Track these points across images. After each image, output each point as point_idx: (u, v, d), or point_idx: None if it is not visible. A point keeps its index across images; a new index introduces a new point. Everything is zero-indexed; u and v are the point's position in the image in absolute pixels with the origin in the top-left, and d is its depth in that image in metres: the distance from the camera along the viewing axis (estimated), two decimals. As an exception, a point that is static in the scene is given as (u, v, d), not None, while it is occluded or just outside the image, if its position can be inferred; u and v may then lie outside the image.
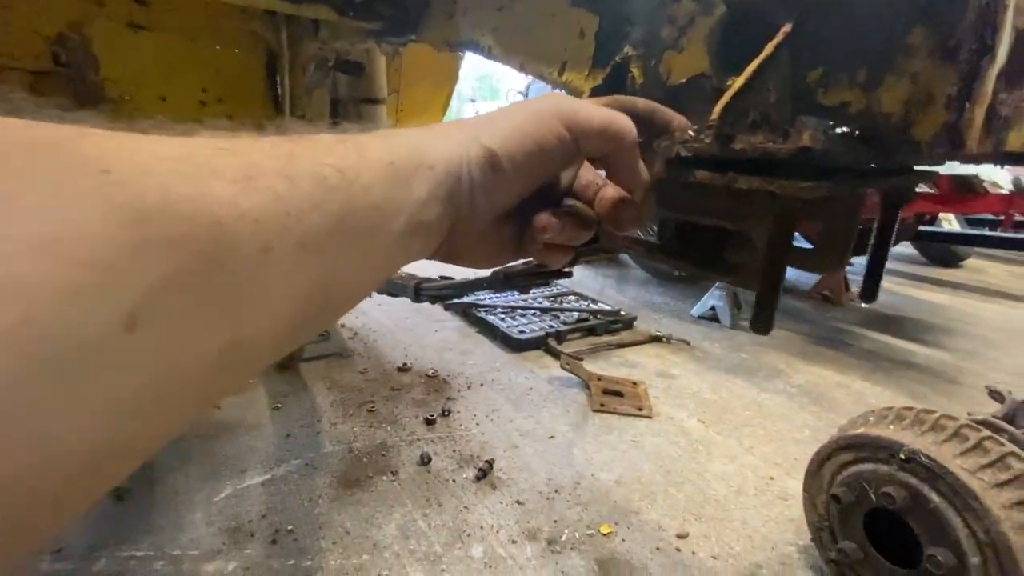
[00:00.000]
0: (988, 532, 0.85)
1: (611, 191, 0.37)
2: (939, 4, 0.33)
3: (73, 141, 0.18)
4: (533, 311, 2.56)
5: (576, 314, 2.50)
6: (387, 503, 1.28)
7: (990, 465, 0.88)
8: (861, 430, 1.06)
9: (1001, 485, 0.86)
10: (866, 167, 0.43)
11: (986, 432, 0.92)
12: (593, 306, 2.67)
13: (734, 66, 0.51)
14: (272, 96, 1.55)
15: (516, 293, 2.80)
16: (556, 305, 2.65)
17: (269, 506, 1.25)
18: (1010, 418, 1.51)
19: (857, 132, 0.41)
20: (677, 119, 0.39)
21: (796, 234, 0.73)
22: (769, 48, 0.42)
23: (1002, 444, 0.90)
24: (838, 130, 0.42)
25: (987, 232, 3.69)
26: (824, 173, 0.39)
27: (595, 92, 0.59)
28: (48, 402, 0.15)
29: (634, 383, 1.93)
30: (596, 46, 0.67)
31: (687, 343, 2.45)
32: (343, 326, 2.37)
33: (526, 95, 5.09)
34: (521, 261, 0.93)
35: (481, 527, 1.22)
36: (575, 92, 0.71)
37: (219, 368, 0.21)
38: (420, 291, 1.25)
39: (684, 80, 0.55)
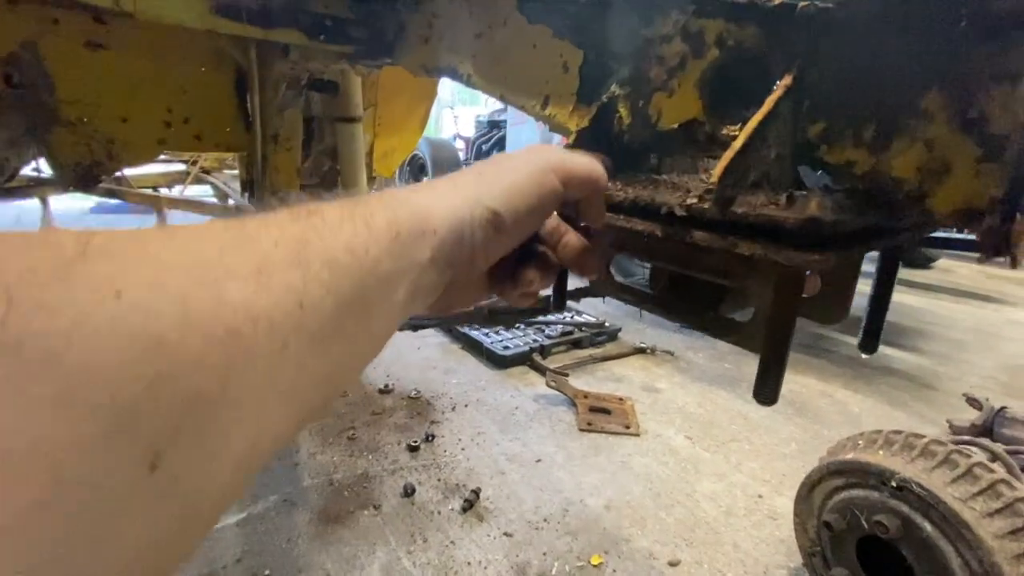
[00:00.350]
0: (981, 562, 0.84)
1: (574, 239, 0.39)
2: (959, 68, 0.30)
3: (80, 260, 0.16)
4: (517, 325, 2.53)
5: (560, 327, 2.48)
6: (370, 540, 1.23)
7: (981, 493, 0.87)
8: (851, 455, 1.05)
9: (993, 514, 0.85)
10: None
11: (976, 458, 0.92)
12: (578, 318, 2.65)
13: (730, 113, 0.49)
14: (242, 115, 1.49)
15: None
16: (540, 319, 2.62)
17: (245, 548, 1.19)
18: (988, 426, 1.54)
19: (866, 191, 0.39)
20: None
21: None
22: (769, 102, 0.40)
23: (992, 471, 0.89)
24: (836, 192, 0.40)
25: (954, 234, 3.78)
26: (842, 237, 0.37)
27: (580, 135, 0.56)
28: (82, 563, 0.15)
29: (620, 399, 1.91)
30: (581, 81, 0.64)
31: (671, 354, 2.45)
32: (322, 345, 2.30)
33: (506, 106, 5.07)
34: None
35: (468, 563, 1.18)
36: (559, 127, 0.68)
37: (234, 479, 0.20)
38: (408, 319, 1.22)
39: (675, 126, 0.53)
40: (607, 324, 2.60)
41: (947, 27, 0.31)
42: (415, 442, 1.60)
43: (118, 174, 2.74)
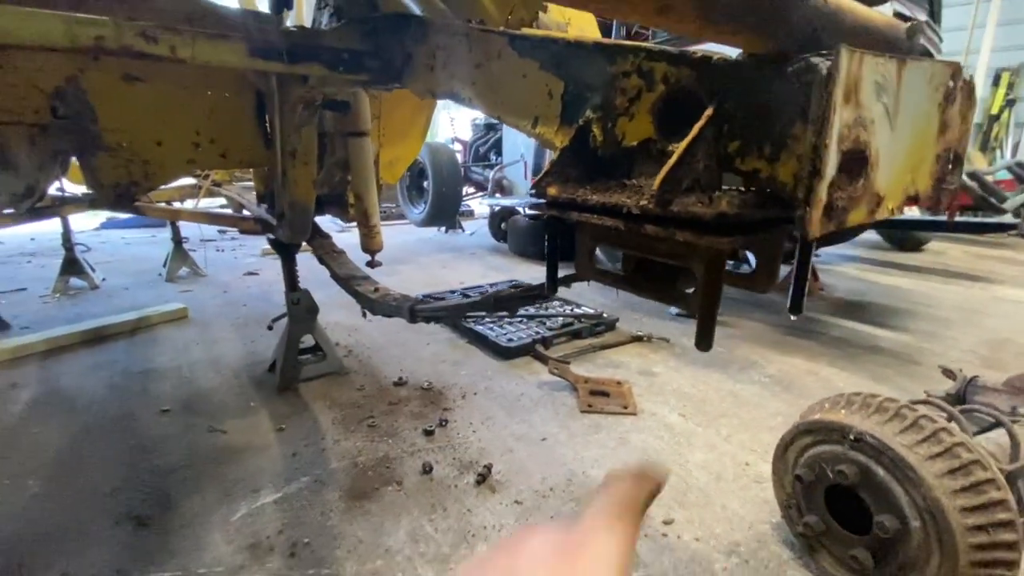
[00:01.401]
0: (925, 498, 0.98)
1: None
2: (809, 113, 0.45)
3: None
4: (520, 319, 2.67)
5: (561, 319, 2.62)
6: (395, 512, 1.37)
7: (925, 440, 1.01)
8: (818, 416, 1.19)
9: (934, 457, 0.99)
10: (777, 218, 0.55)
11: (922, 411, 1.05)
12: (577, 310, 2.79)
13: (674, 132, 0.63)
14: (262, 134, 1.63)
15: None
16: (542, 312, 2.76)
17: (284, 522, 1.33)
18: (961, 394, 1.67)
19: (766, 190, 0.53)
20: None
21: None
22: (696, 129, 0.54)
23: (935, 421, 1.03)
24: (748, 191, 0.54)
25: (943, 218, 3.91)
26: (745, 225, 0.51)
27: (563, 152, 0.70)
28: None
29: (618, 383, 2.05)
30: (563, 106, 0.78)
31: (667, 341, 2.59)
32: (338, 344, 2.44)
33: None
34: (509, 284, 1.05)
35: (484, 527, 1.32)
36: (548, 143, 0.83)
37: None
38: (415, 313, 1.35)
39: (636, 143, 0.67)
40: (605, 315, 2.74)
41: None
42: (430, 427, 1.74)
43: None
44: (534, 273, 3.96)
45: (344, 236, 2.57)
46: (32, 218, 2.56)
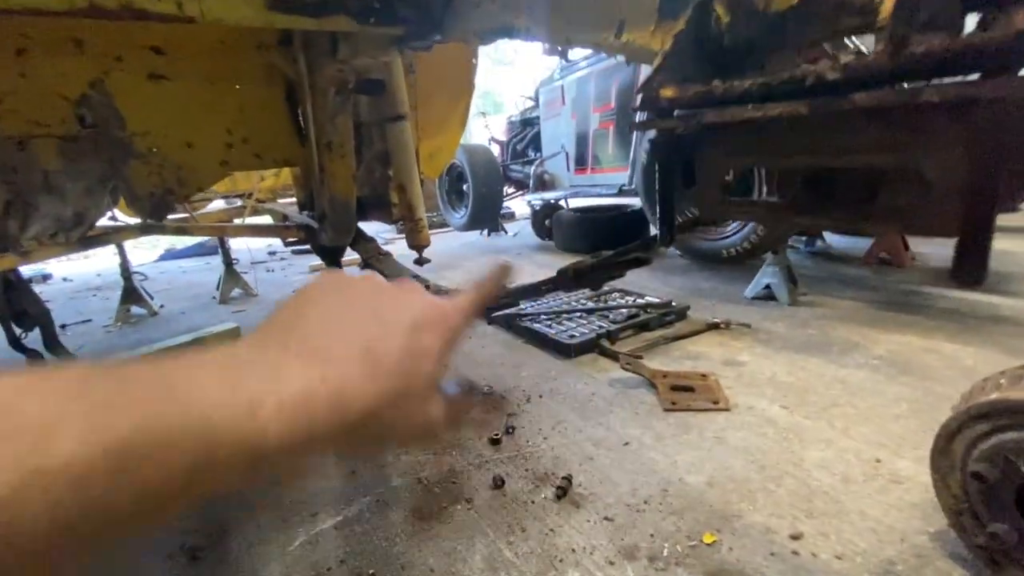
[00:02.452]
0: None
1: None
2: None
3: None
4: (579, 314, 2.46)
5: (625, 311, 2.39)
6: (467, 534, 1.20)
7: None
8: (995, 395, 0.92)
9: None
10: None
11: None
12: (641, 300, 2.56)
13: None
14: (296, 129, 1.52)
15: (558, 298, 2.71)
16: (602, 305, 2.55)
17: (347, 550, 1.18)
18: None
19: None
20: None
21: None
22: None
23: None
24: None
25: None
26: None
27: (677, 41, 0.51)
28: None
29: (703, 375, 1.81)
30: (661, -5, 0.59)
31: (748, 326, 2.31)
32: (389, 353, 2.32)
33: (536, 102, 5.04)
34: (588, 257, 0.86)
35: (572, 550, 1.12)
36: (641, 53, 0.63)
37: None
38: (473, 305, 1.19)
39: (784, 8, 0.47)
40: (674, 303, 2.49)
41: None
42: (496, 435, 1.57)
43: (186, 214, 2.89)
44: (586, 267, 3.74)
45: (390, 248, 2.45)
46: (84, 247, 2.59)
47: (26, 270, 2.63)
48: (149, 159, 1.35)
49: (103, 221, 2.38)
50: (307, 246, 2.60)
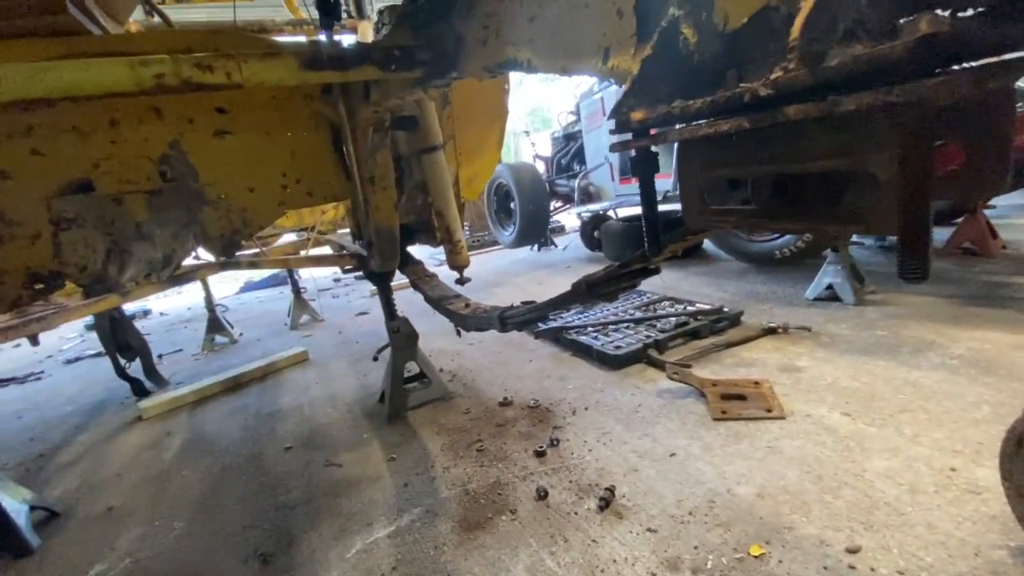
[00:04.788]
0: None
1: None
2: None
3: None
4: (626, 324, 2.45)
5: (674, 319, 2.35)
6: (511, 544, 1.23)
7: None
8: (1068, 395, 0.84)
9: None
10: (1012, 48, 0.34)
11: None
12: (691, 308, 2.50)
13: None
14: (342, 167, 1.66)
15: (604, 309, 2.70)
16: (649, 314, 2.51)
17: (398, 558, 1.25)
18: None
19: (994, 5, 0.32)
20: None
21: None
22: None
23: None
24: (969, 11, 0.34)
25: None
26: (955, 56, 0.31)
27: (644, 64, 0.54)
28: None
29: (756, 383, 1.74)
30: (637, 20, 0.62)
31: (808, 330, 2.19)
32: (442, 370, 2.41)
33: (578, 115, 5.08)
34: (601, 268, 0.88)
35: (614, 561, 1.12)
36: (623, 75, 0.67)
37: None
38: (506, 320, 1.23)
39: (746, 19, 0.49)
40: (726, 309, 2.41)
41: None
42: (541, 447, 1.59)
43: (256, 249, 3.18)
44: (636, 277, 3.69)
45: (443, 269, 2.56)
46: (173, 285, 2.91)
47: (129, 307, 2.98)
48: (218, 205, 1.53)
49: (189, 260, 2.67)
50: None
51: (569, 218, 6.85)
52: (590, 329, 2.45)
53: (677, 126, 0.48)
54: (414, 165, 1.83)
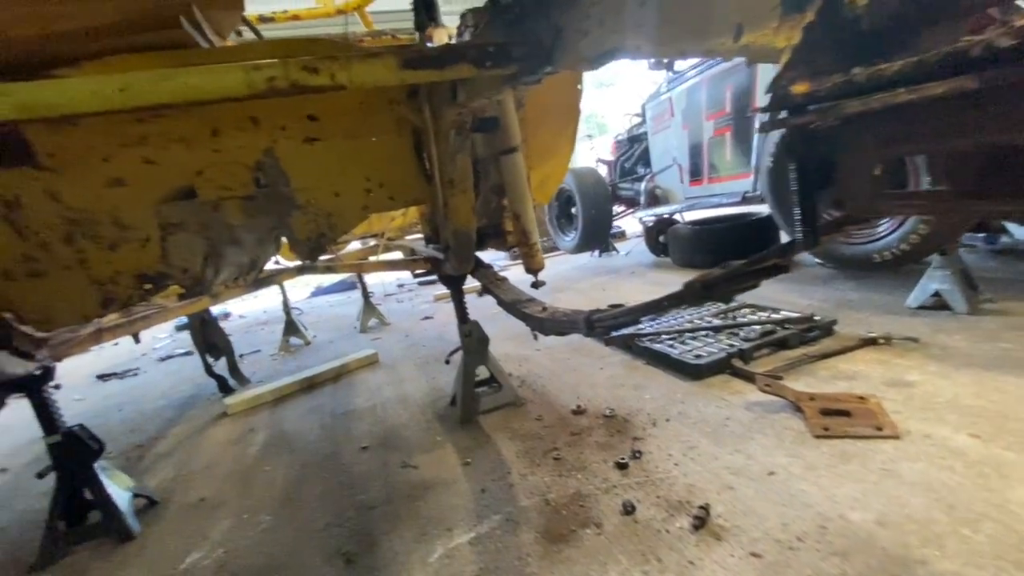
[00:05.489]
0: None
1: None
2: None
3: None
4: (704, 332, 2.32)
5: (758, 327, 2.20)
6: (599, 560, 1.17)
7: None
8: None
9: None
10: None
11: None
12: (776, 315, 2.34)
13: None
14: (422, 171, 1.67)
15: (679, 315, 2.58)
16: (729, 321, 2.37)
17: (481, 566, 1.22)
18: None
19: None
20: None
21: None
22: None
23: None
24: None
25: None
26: None
27: (807, 32, 0.48)
28: None
29: (860, 398, 1.59)
30: (784, -12, 0.56)
31: (915, 341, 1.99)
32: (511, 375, 2.38)
33: (643, 118, 4.96)
34: (717, 268, 0.81)
35: (716, 587, 1.04)
36: (764, 53, 0.61)
37: None
38: (594, 323, 1.18)
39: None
40: (817, 317, 2.23)
41: None
42: (623, 459, 1.52)
43: (331, 255, 3.30)
44: (708, 283, 3.52)
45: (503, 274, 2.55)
46: (256, 288, 3.07)
47: (212, 310, 3.17)
48: (307, 209, 1.58)
49: (269, 265, 2.81)
50: (432, 277, 2.79)
51: (631, 223, 6.69)
52: (664, 336, 2.35)
53: (854, 102, 0.42)
54: (491, 167, 1.82)
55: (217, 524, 1.63)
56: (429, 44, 1.47)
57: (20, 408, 1.71)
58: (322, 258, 3.28)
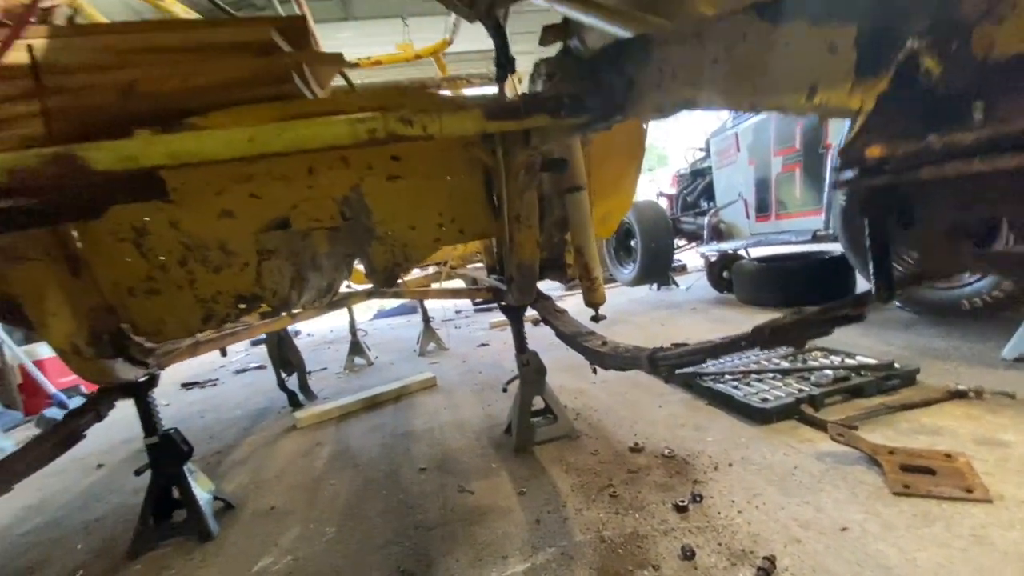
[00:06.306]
0: None
1: None
2: None
3: None
4: (771, 374, 2.24)
5: (831, 372, 2.10)
6: (656, 604, 1.15)
7: None
8: None
9: None
10: None
11: None
12: (851, 361, 2.22)
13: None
14: (491, 206, 1.77)
15: (744, 355, 2.50)
16: (799, 365, 2.27)
17: (535, 598, 1.23)
18: None
19: None
20: None
21: None
22: None
23: None
24: None
25: None
26: None
27: (880, 101, 0.51)
28: None
29: (947, 455, 1.48)
30: (858, 55, 0.59)
31: (1010, 396, 1.82)
32: (566, 407, 2.39)
33: (707, 152, 4.92)
34: (789, 312, 0.82)
35: (782, 644, 0.99)
36: (837, 112, 0.63)
37: None
38: (656, 362, 1.19)
39: (1012, 53, 0.44)
40: (897, 365, 2.10)
41: None
42: (682, 502, 1.49)
43: (399, 281, 3.47)
44: (774, 323, 3.38)
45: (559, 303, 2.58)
46: (329, 309, 3.28)
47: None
48: (385, 240, 1.71)
49: (341, 288, 3.01)
50: (489, 305, 2.86)
51: (691, 257, 6.56)
52: (727, 376, 2.28)
53: (929, 168, 0.44)
54: (555, 203, 1.89)
55: (286, 532, 1.73)
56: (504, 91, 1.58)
57: (118, 408, 1.91)
58: (389, 283, 3.46)
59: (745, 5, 0.74)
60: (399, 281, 3.64)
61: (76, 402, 4.24)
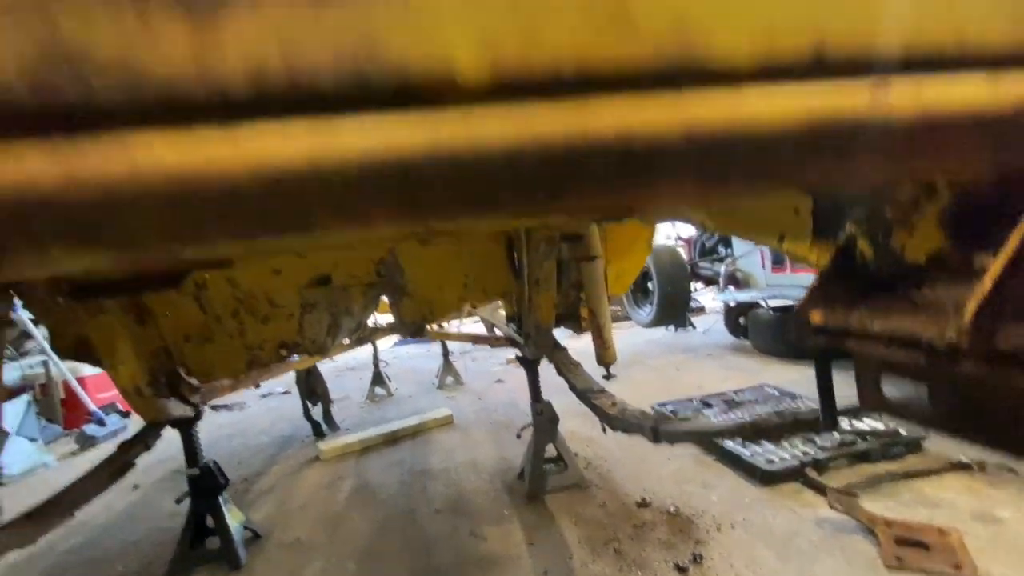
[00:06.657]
0: None
1: None
2: None
3: None
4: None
5: (837, 436, 2.16)
6: (652, 663, 1.23)
7: None
8: None
9: None
10: None
11: None
12: (858, 424, 2.27)
13: (978, 243, 0.52)
14: (512, 269, 1.93)
15: (755, 414, 2.57)
16: (805, 425, 2.33)
17: (539, 649, 1.32)
18: None
19: None
20: None
21: None
22: (1016, 240, 0.44)
23: None
24: None
25: None
26: None
27: (823, 275, 0.64)
28: None
29: (941, 531, 1.53)
30: (814, 222, 0.73)
31: (1013, 472, 1.86)
32: (576, 455, 2.48)
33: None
34: (773, 412, 0.94)
35: None
36: (800, 258, 0.77)
37: None
38: (658, 433, 1.30)
39: (923, 258, 0.57)
40: (903, 432, 2.15)
41: None
42: (683, 563, 1.57)
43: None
44: (786, 376, 3.43)
45: (572, 343, 2.71)
46: (357, 344, 3.45)
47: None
48: (414, 296, 1.88)
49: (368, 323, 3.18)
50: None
51: (709, 298, 6.61)
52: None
53: (852, 342, 0.57)
54: (572, 267, 2.03)
55: (310, 565, 1.86)
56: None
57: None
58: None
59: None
60: (422, 319, 3.82)
61: (113, 419, 4.48)
